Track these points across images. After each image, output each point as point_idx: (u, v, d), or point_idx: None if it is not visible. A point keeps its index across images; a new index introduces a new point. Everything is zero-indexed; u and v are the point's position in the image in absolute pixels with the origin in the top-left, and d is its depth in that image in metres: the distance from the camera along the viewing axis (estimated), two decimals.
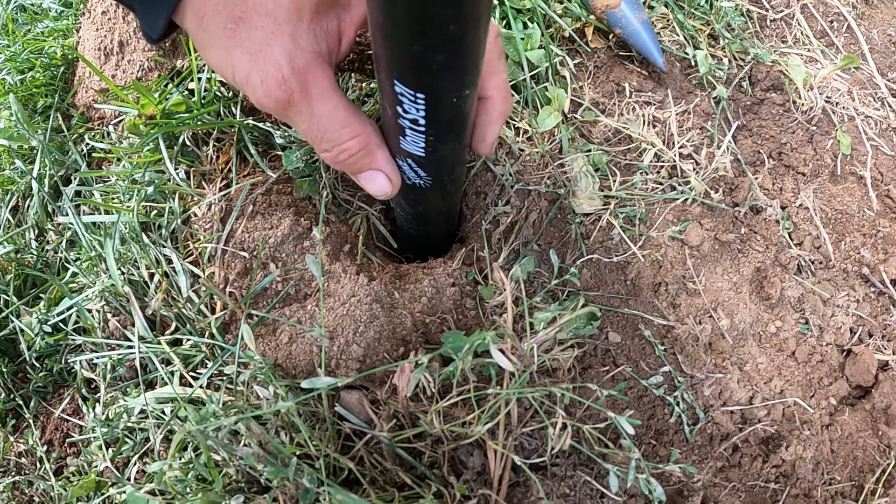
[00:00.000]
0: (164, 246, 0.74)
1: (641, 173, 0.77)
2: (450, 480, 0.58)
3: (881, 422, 0.73)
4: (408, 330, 0.65)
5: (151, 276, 0.74)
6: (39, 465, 0.79)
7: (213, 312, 0.70)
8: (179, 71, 0.81)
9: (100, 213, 0.80)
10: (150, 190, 0.74)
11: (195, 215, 0.74)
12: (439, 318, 0.66)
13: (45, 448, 0.80)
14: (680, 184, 0.78)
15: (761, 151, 0.85)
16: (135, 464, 0.70)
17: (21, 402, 0.84)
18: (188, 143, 0.77)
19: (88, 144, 0.91)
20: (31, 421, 0.82)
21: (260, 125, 0.75)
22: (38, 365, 0.83)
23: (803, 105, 0.88)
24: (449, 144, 0.50)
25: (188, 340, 0.70)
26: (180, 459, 0.62)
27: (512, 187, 0.75)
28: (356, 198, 0.76)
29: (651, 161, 0.78)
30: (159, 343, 0.70)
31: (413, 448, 0.60)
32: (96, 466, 0.73)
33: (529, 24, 0.82)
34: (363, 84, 0.78)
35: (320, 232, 0.65)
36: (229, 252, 0.70)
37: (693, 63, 0.88)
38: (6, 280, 0.87)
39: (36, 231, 0.92)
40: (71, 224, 0.83)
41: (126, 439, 0.72)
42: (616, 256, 0.73)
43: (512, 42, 0.78)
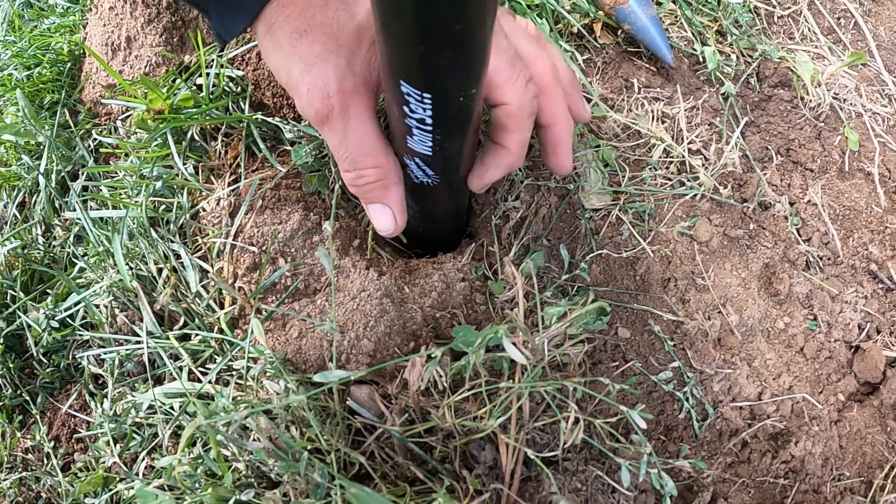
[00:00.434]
0: (173, 241, 0.74)
1: (650, 169, 0.77)
2: (462, 475, 0.58)
3: (889, 418, 0.73)
4: (418, 325, 0.64)
5: (160, 272, 0.74)
6: (46, 461, 0.79)
7: (222, 307, 0.70)
8: (188, 66, 0.81)
9: (107, 209, 0.80)
10: (159, 185, 0.74)
11: (204, 210, 0.74)
12: (449, 313, 0.66)
13: (53, 444, 0.79)
14: (689, 179, 0.78)
15: (769, 147, 0.84)
16: (143, 459, 0.70)
17: (28, 398, 0.84)
18: (196, 138, 0.77)
19: (96, 140, 0.91)
20: (38, 417, 0.82)
21: (269, 120, 0.75)
22: (46, 360, 0.83)
23: (811, 101, 0.88)
24: (456, 143, 0.50)
25: (197, 335, 0.70)
26: (189, 454, 0.62)
27: (521, 182, 0.74)
28: None
29: (660, 157, 0.78)
30: (168, 338, 0.70)
31: (424, 443, 0.60)
32: (104, 462, 0.73)
33: (538, 20, 0.82)
34: None
35: (331, 225, 0.65)
36: (238, 247, 0.70)
37: (701, 59, 0.88)
38: (13, 276, 0.87)
39: (43, 227, 0.92)
40: (78, 219, 0.83)
41: (134, 435, 0.72)
42: (625, 252, 0.73)
43: None
